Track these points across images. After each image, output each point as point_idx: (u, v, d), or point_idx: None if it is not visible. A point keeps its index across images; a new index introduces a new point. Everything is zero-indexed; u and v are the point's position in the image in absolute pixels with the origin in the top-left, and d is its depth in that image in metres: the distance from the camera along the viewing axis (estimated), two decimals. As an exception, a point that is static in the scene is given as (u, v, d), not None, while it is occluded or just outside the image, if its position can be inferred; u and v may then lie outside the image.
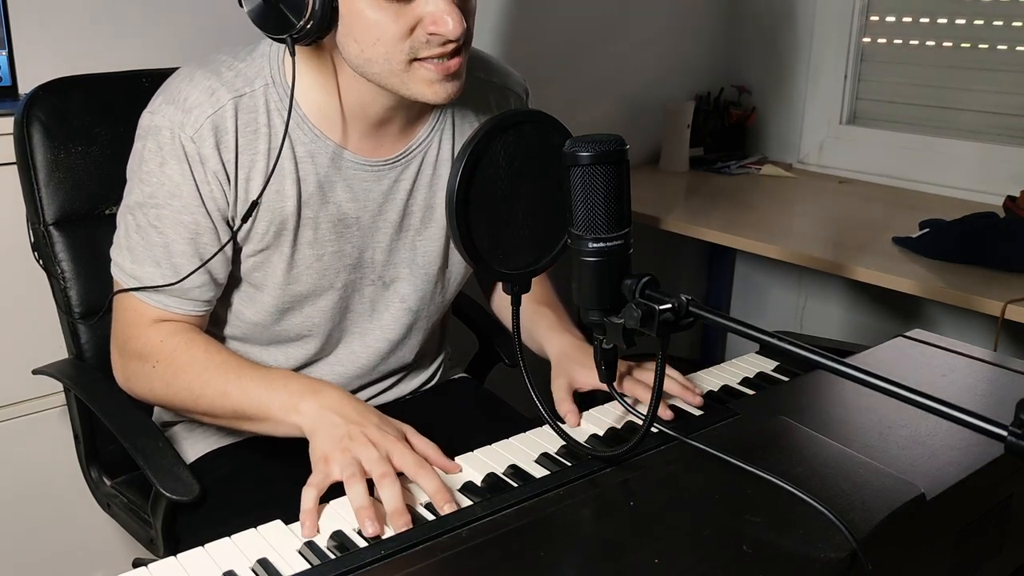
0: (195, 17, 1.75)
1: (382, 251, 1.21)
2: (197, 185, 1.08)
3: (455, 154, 1.22)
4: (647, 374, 1.13)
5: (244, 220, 1.11)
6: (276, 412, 1.03)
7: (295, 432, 1.02)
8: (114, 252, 1.15)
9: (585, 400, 1.14)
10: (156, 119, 1.09)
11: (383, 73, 1.04)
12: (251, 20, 1.04)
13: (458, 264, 1.29)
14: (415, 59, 1.02)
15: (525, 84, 1.34)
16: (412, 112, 1.16)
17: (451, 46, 1.01)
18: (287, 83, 1.10)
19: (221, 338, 1.23)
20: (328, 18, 1.00)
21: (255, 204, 1.10)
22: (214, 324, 1.22)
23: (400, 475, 0.92)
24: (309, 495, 0.89)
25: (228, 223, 1.12)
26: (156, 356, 1.11)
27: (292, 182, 1.12)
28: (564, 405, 1.12)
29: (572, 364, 1.18)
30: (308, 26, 1.00)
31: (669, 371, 1.11)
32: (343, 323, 1.24)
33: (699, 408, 1.10)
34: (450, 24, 0.98)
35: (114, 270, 1.15)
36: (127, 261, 1.13)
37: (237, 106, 1.08)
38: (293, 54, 1.04)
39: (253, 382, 1.06)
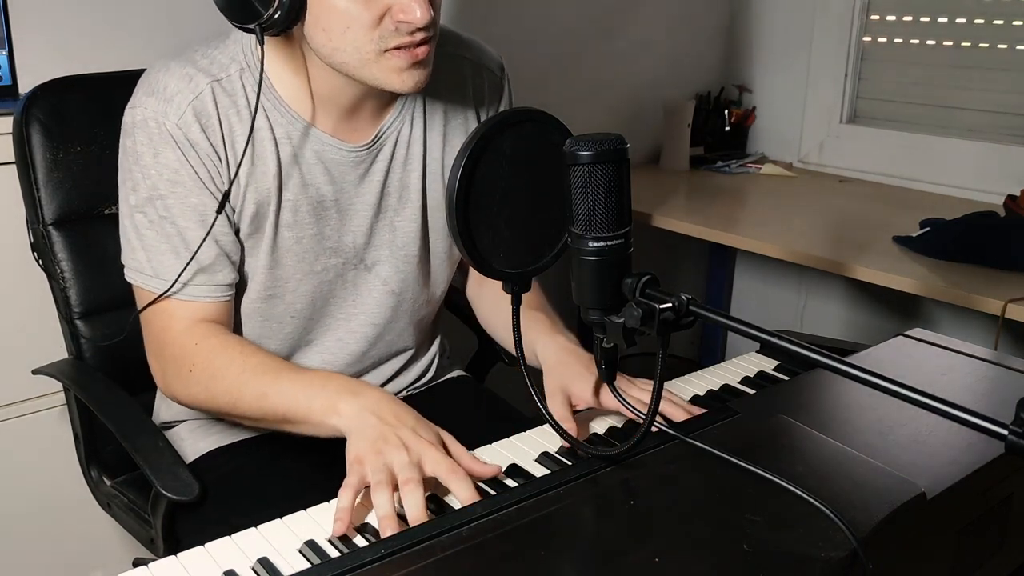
0: (195, 17, 1.75)
1: (362, 234, 1.22)
2: (193, 168, 1.09)
3: (427, 132, 1.24)
4: (642, 392, 1.08)
5: (224, 199, 1.10)
6: (316, 414, 1.02)
7: (335, 434, 1.01)
8: (126, 258, 1.14)
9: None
10: (139, 112, 1.10)
11: (351, 63, 1.05)
12: (218, 9, 1.05)
13: (440, 243, 1.29)
14: (385, 50, 1.03)
15: (500, 61, 1.33)
16: (382, 99, 1.18)
17: (419, 35, 1.03)
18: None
19: None
20: (296, 8, 1.01)
21: (235, 176, 1.11)
22: None
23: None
24: (346, 496, 0.88)
25: (229, 202, 1.12)
26: (192, 360, 1.11)
27: (273, 162, 1.13)
28: (567, 424, 1.05)
29: (568, 375, 1.12)
30: (276, 16, 1.01)
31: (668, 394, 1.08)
32: (326, 308, 1.24)
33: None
34: (417, 12, 1.01)
35: (131, 276, 1.14)
36: (144, 260, 1.12)
37: (215, 89, 1.10)
38: (262, 43, 1.05)
39: (291, 384, 1.05)
